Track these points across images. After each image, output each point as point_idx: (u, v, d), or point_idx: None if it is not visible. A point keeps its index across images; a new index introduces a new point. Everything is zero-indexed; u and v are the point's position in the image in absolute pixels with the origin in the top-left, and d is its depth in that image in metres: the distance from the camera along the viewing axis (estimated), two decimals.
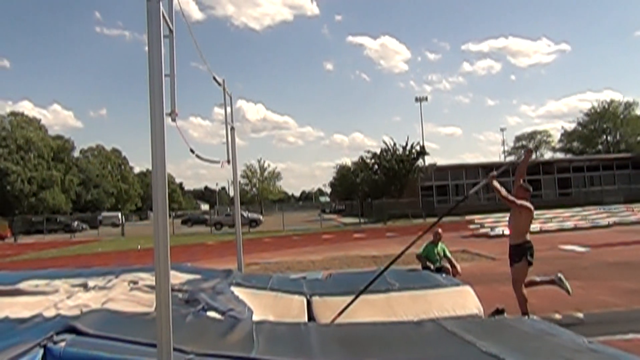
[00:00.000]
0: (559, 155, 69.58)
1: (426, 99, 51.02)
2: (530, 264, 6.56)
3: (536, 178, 42.33)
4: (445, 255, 9.11)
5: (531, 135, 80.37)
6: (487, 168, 43.55)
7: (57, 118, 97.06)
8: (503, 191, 6.51)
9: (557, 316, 6.45)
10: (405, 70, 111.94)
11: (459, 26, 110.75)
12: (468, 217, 24.81)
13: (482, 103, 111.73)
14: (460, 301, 5.98)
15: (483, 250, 14.96)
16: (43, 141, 62.90)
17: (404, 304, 5.91)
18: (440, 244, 9.19)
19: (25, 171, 58.79)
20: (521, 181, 6.87)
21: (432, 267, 8.81)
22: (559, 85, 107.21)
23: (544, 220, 22.47)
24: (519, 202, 6.54)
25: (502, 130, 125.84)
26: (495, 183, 6.54)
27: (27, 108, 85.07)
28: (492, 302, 6.73)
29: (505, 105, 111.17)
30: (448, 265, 8.90)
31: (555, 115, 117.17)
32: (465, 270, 9.60)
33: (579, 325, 5.99)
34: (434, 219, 9.12)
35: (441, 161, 45.01)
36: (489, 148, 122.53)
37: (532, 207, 6.59)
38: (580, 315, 6.59)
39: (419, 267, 9.42)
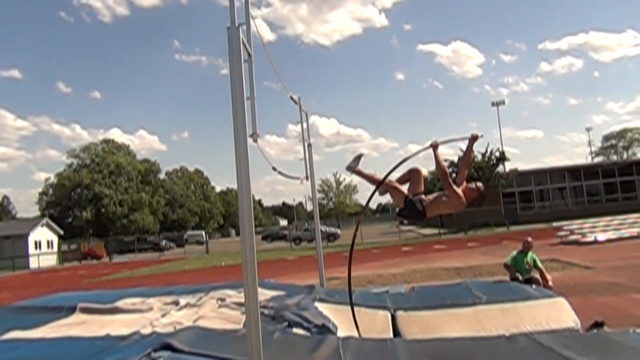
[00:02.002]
0: None
1: (503, 102, 49.15)
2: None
3: (629, 179, 39.61)
4: (535, 265, 8.68)
5: (621, 134, 75.26)
6: (573, 171, 41.36)
7: (143, 143, 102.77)
8: (444, 165, 5.46)
9: None
10: (479, 74, 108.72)
11: (534, 25, 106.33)
12: (555, 224, 23.57)
13: (564, 103, 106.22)
14: (554, 314, 5.67)
15: (574, 258, 14.15)
16: (132, 165, 66.92)
17: (493, 318, 5.69)
18: (530, 253, 8.78)
19: (117, 194, 62.72)
20: (476, 184, 5.63)
21: (520, 277, 8.42)
22: None
23: None
24: (457, 189, 5.39)
25: (587, 130, 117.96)
26: (438, 153, 5.47)
27: (116, 135, 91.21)
28: (589, 315, 6.31)
29: (589, 103, 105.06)
30: (538, 276, 8.47)
31: None
32: (556, 280, 9.12)
33: None
34: (518, 227, 8.74)
35: (523, 166, 43.00)
36: (574, 150, 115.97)
37: (464, 203, 5.44)
38: None
39: (506, 278, 9.06)
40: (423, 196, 5.35)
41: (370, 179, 5.59)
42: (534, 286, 7.49)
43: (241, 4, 3.80)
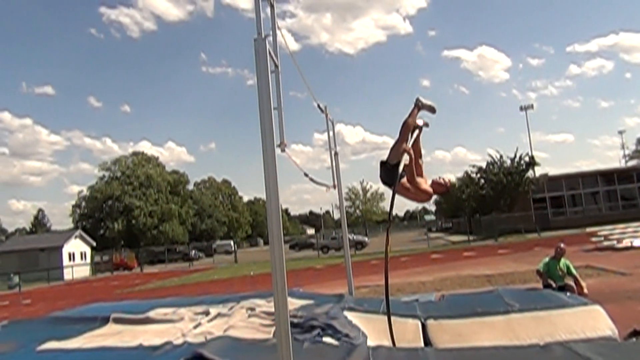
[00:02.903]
0: None
1: (532, 106, 48.33)
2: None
3: None
4: (569, 272, 8.46)
5: None
6: (606, 175, 40.36)
7: (172, 154, 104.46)
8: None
9: None
10: (506, 79, 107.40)
11: (562, 28, 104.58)
12: (589, 230, 23.00)
13: (595, 106, 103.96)
14: (590, 322, 5.52)
15: (610, 264, 13.76)
16: (161, 177, 68.00)
17: (527, 326, 5.57)
18: (563, 259, 8.57)
19: (147, 205, 63.75)
20: (444, 179, 5.41)
21: (554, 285, 8.23)
22: None
23: None
24: (425, 185, 5.20)
25: (620, 133, 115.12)
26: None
27: (145, 147, 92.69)
28: (627, 323, 6.11)
29: (621, 105, 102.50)
30: (572, 283, 8.26)
31: None
32: (591, 287, 8.88)
33: None
34: (550, 234, 8.57)
35: (553, 171, 42.38)
36: (607, 153, 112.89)
37: (431, 196, 5.31)
38: None
39: (539, 285, 8.87)
40: (406, 178, 5.11)
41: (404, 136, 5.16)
42: (568, 294, 7.32)
43: (266, 16, 3.85)
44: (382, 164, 5.12)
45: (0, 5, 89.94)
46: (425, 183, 5.23)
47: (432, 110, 5.53)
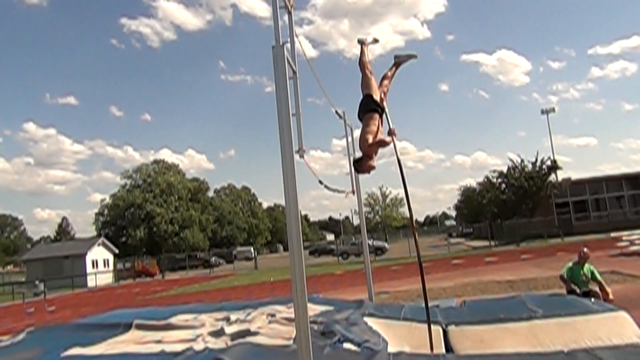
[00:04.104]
0: None
1: (553, 110, 47.67)
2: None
3: None
4: (593, 277, 8.29)
5: None
6: (631, 179, 39.57)
7: (192, 162, 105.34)
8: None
9: None
10: (526, 82, 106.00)
11: (583, 30, 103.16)
12: (614, 234, 22.57)
13: (618, 108, 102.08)
14: (615, 329, 5.42)
15: (636, 270, 13.48)
16: (182, 184, 68.56)
17: (550, 333, 5.48)
18: (586, 264, 8.40)
19: (168, 213, 64.33)
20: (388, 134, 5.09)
21: (578, 290, 8.08)
22: None
23: None
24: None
25: None
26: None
27: (166, 155, 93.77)
28: None
29: None
30: (597, 289, 8.10)
31: None
32: (617, 293, 8.71)
33: None
34: (573, 238, 8.42)
35: (576, 175, 41.44)
36: (631, 157, 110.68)
37: (387, 142, 4.97)
38: None
39: (562, 291, 8.72)
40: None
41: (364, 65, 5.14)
42: (593, 299, 7.18)
43: (284, 23, 3.88)
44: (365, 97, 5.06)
45: (25, 18, 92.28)
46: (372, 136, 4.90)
47: (412, 57, 5.60)
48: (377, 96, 5.03)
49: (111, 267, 46.43)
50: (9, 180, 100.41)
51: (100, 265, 44.51)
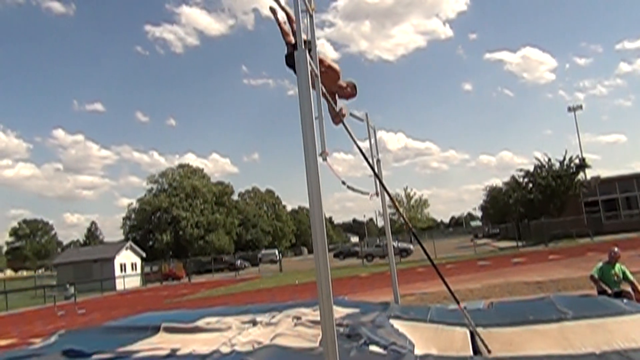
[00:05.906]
0: None
1: (580, 107, 46.87)
2: None
3: None
4: (625, 277, 8.10)
5: None
6: None
7: (216, 166, 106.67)
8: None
9: None
10: (552, 79, 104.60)
11: (609, 25, 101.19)
12: None
13: None
14: None
15: None
16: (206, 188, 69.33)
17: (581, 334, 5.36)
18: (617, 264, 8.21)
19: (193, 216, 65.10)
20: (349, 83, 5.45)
21: (609, 291, 7.90)
22: None
23: None
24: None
25: None
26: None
27: (191, 159, 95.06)
28: None
29: None
30: (629, 289, 7.90)
31: None
32: None
33: None
34: (603, 238, 8.23)
35: (605, 173, 40.70)
36: None
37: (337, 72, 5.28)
38: None
39: (593, 292, 8.53)
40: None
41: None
42: (625, 300, 7.00)
43: (306, 26, 3.89)
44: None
45: (52, 28, 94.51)
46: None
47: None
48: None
49: (139, 270, 47.17)
50: (39, 185, 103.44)
51: (128, 268, 45.24)
